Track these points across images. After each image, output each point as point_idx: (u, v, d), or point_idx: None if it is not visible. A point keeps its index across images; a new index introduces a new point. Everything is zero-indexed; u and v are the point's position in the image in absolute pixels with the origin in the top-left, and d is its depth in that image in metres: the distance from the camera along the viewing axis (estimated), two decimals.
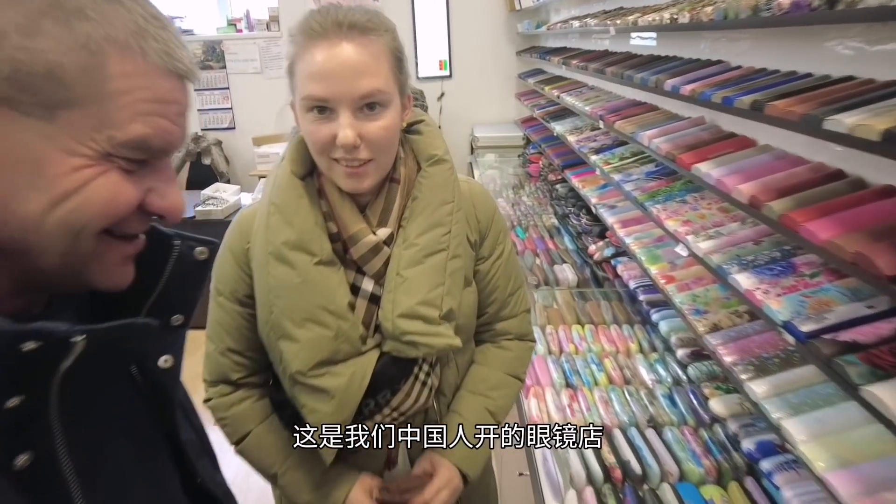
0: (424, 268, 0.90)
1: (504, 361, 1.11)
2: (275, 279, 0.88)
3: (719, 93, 1.24)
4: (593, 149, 2.31)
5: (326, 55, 0.80)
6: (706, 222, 1.46)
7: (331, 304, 0.87)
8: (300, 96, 0.83)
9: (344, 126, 0.81)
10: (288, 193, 0.89)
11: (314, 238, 0.88)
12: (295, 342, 0.87)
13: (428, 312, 0.89)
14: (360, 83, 0.81)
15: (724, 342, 1.27)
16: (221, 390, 1.00)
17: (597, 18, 2.34)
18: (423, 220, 0.92)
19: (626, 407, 1.54)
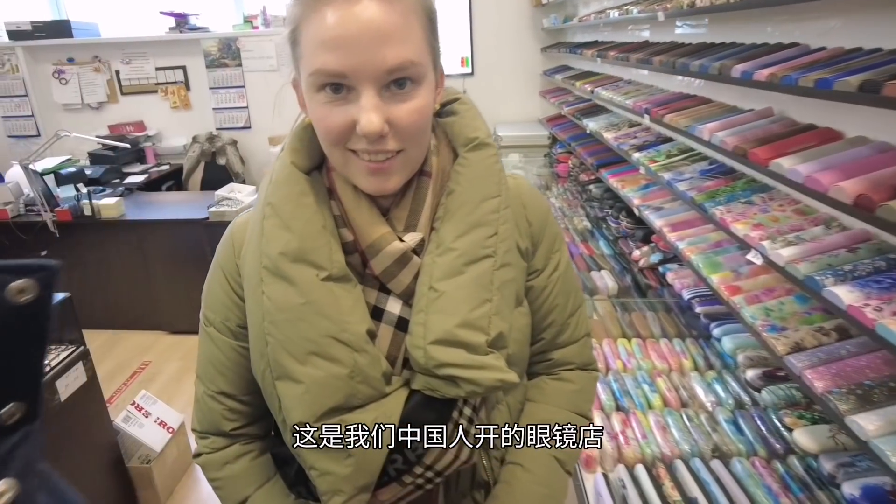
0: (465, 279, 0.69)
1: (567, 396, 0.88)
2: (270, 301, 0.67)
3: (810, 75, 1.06)
4: (635, 146, 2.14)
5: (343, 16, 0.60)
6: (781, 226, 1.28)
7: (343, 333, 0.66)
8: (308, 70, 0.63)
9: (367, 109, 0.62)
10: (287, 190, 0.70)
11: (320, 246, 0.68)
12: (297, 384, 0.66)
13: (471, 338, 0.67)
14: (387, 52, 0.61)
15: (812, 365, 1.09)
16: (213, 443, 0.82)
17: (638, 6, 2.16)
18: (462, 219, 0.71)
19: (686, 434, 1.37)
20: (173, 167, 4.81)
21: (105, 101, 4.97)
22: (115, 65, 4.88)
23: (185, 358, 3.47)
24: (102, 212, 3.51)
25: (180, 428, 2.50)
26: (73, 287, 2.20)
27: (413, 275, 0.72)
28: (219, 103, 4.89)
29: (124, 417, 2.33)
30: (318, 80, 0.63)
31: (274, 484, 0.82)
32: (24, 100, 4.86)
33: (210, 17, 4.87)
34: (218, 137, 4.82)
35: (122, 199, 3.68)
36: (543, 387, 0.89)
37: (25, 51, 4.72)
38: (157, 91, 4.94)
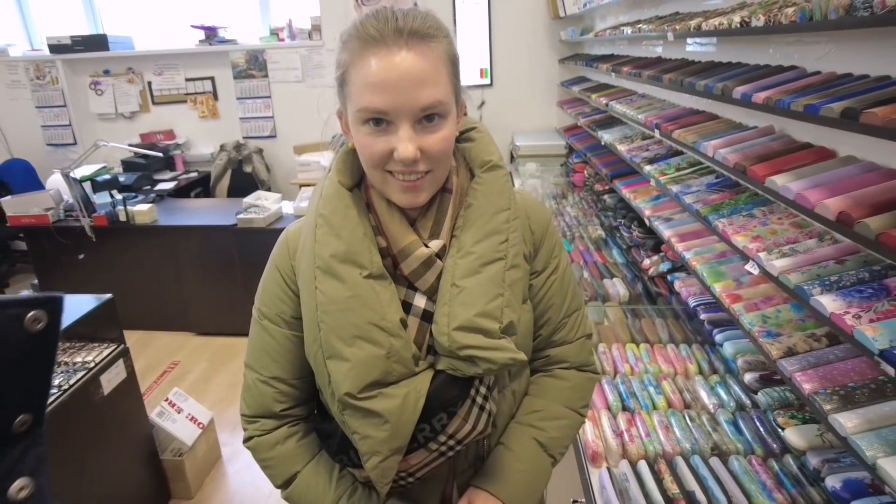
0: (482, 277, 0.83)
1: (558, 392, 1.01)
2: (323, 294, 0.82)
3: (800, 100, 1.15)
4: (646, 158, 2.23)
5: (386, 64, 0.74)
6: (779, 238, 1.36)
7: (382, 321, 0.81)
8: (355, 107, 0.78)
9: (404, 140, 0.77)
10: (335, 204, 0.85)
11: (363, 250, 0.83)
12: (345, 361, 0.80)
13: (488, 325, 0.81)
14: (421, 94, 0.76)
15: (802, 368, 1.18)
16: (263, 426, 0.94)
17: (651, 24, 2.25)
18: (479, 228, 0.86)
19: (687, 433, 1.45)
20: (201, 174, 5.00)
21: (137, 110, 5.18)
22: (147, 76, 5.09)
23: (212, 359, 3.62)
24: (136, 217, 3.68)
25: (210, 424, 2.63)
26: (108, 289, 2.34)
27: (436, 275, 0.86)
28: (245, 113, 5.06)
29: (158, 412, 2.47)
30: (363, 115, 0.77)
31: (319, 459, 0.95)
32: (63, 110, 5.09)
33: (238, 30, 5.05)
34: (244, 146, 5.00)
35: (155, 205, 3.85)
36: (539, 382, 1.02)
37: (65, 63, 4.95)
38: (187, 101, 5.13)
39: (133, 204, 3.81)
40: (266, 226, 3.52)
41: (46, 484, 0.44)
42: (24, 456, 0.43)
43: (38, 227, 3.70)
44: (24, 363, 0.43)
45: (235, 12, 5.07)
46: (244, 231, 3.53)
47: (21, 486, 0.43)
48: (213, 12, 5.03)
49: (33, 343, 0.42)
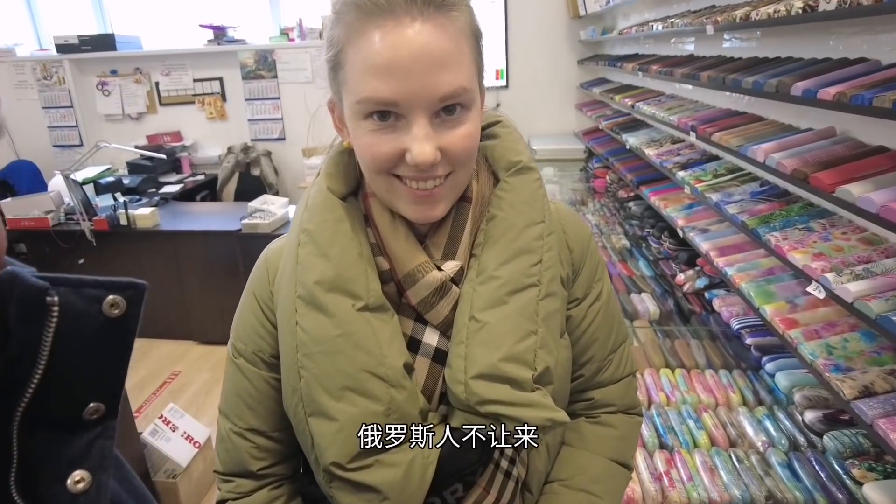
0: (509, 309, 0.65)
1: (607, 443, 0.83)
2: (305, 332, 0.64)
3: (886, 95, 0.97)
4: (679, 164, 2.04)
5: (395, 40, 0.57)
6: (847, 257, 1.18)
7: (380, 367, 0.63)
8: (354, 98, 0.60)
9: (420, 139, 0.59)
10: (323, 217, 0.67)
11: (357, 275, 0.65)
12: (332, 421, 0.63)
13: (517, 373, 0.63)
14: (440, 79, 0.58)
15: (886, 413, 0.99)
16: (239, 486, 0.76)
17: (685, 19, 2.08)
18: (505, 246, 0.68)
19: (735, 477, 1.27)
20: (208, 177, 4.87)
21: (144, 111, 5.07)
22: (154, 76, 4.98)
23: (215, 369, 3.48)
24: (138, 221, 3.55)
25: (206, 442, 2.48)
26: None
27: (452, 305, 0.68)
28: (254, 114, 4.93)
29: (151, 431, 2.32)
30: (365, 107, 0.60)
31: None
32: (69, 110, 4.99)
33: (247, 29, 4.93)
34: (252, 148, 4.87)
35: (157, 209, 3.72)
36: (583, 430, 0.84)
37: (72, 63, 4.85)
38: (195, 102, 5.01)
39: (135, 207, 3.68)
40: (271, 231, 3.38)
41: (105, 482, 0.42)
42: (90, 447, 0.42)
43: (38, 230, 3.59)
44: (98, 348, 0.41)
45: (245, 12, 4.95)
46: (249, 237, 3.39)
47: (79, 478, 0.41)
48: (222, 11, 4.92)
49: (110, 329, 0.41)
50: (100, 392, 0.41)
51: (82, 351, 0.40)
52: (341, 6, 0.60)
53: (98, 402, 0.41)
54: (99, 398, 0.41)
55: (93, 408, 0.41)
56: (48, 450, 0.40)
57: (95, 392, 0.41)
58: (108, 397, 0.42)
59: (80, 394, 0.41)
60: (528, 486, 0.77)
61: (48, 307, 0.37)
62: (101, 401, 0.41)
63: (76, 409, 0.41)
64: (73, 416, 0.41)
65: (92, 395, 0.41)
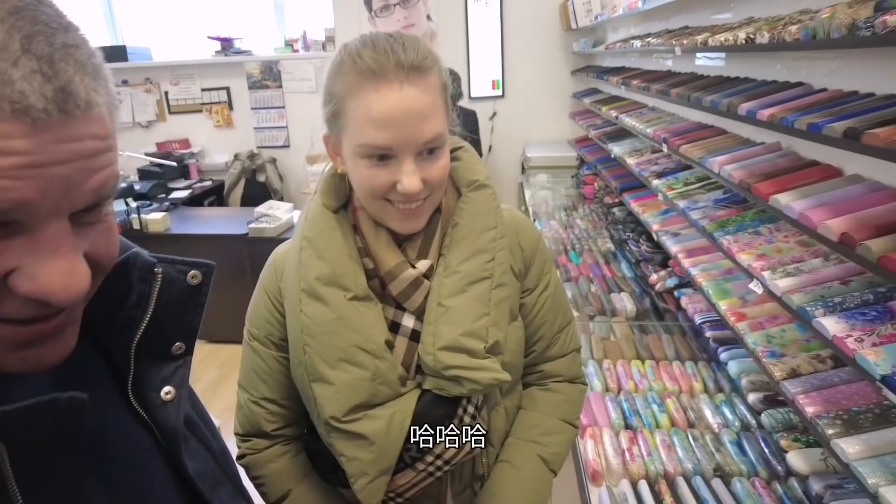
0: (468, 296, 0.83)
1: (555, 405, 1.01)
2: (307, 317, 0.82)
3: (804, 118, 1.14)
4: (655, 172, 2.21)
5: (390, 101, 0.73)
6: (784, 257, 1.35)
7: (367, 343, 0.81)
8: (355, 142, 0.76)
9: (409, 174, 0.76)
10: (320, 227, 0.85)
11: (348, 272, 0.83)
12: (329, 385, 0.81)
13: (472, 344, 0.82)
14: (423, 129, 0.75)
15: (806, 390, 1.15)
16: (255, 444, 0.95)
17: (660, 38, 2.25)
18: (466, 247, 0.86)
19: (690, 453, 1.43)
20: (215, 183, 5.05)
21: (154, 119, 5.26)
22: (164, 86, 5.17)
23: (223, 367, 3.64)
24: (150, 226, 3.72)
25: None
26: None
27: (424, 294, 0.86)
28: (260, 123, 5.12)
29: None
30: (365, 150, 0.76)
31: (311, 478, 0.95)
32: None
33: (253, 41, 5.12)
34: (258, 155, 5.05)
35: (168, 213, 3.90)
36: (535, 396, 1.03)
37: None
38: (202, 110, 5.20)
39: (147, 212, 3.86)
40: (277, 235, 3.55)
41: (183, 396, 0.59)
42: (175, 372, 0.59)
43: None
44: (183, 304, 0.58)
45: (251, 24, 5.14)
46: (256, 240, 3.56)
47: (168, 390, 0.58)
48: (229, 24, 5.11)
49: (191, 292, 0.59)
50: (182, 335, 0.59)
51: (173, 305, 0.57)
52: (342, 68, 0.76)
53: (181, 342, 0.59)
54: (181, 339, 0.59)
55: (178, 346, 0.59)
56: (150, 370, 0.58)
57: (179, 334, 0.59)
58: (187, 339, 0.59)
59: (171, 334, 0.58)
60: (490, 441, 0.93)
61: (155, 274, 0.56)
62: (183, 341, 0.59)
63: (167, 345, 0.58)
64: (165, 349, 0.58)
65: (177, 336, 0.58)
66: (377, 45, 0.75)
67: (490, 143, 4.75)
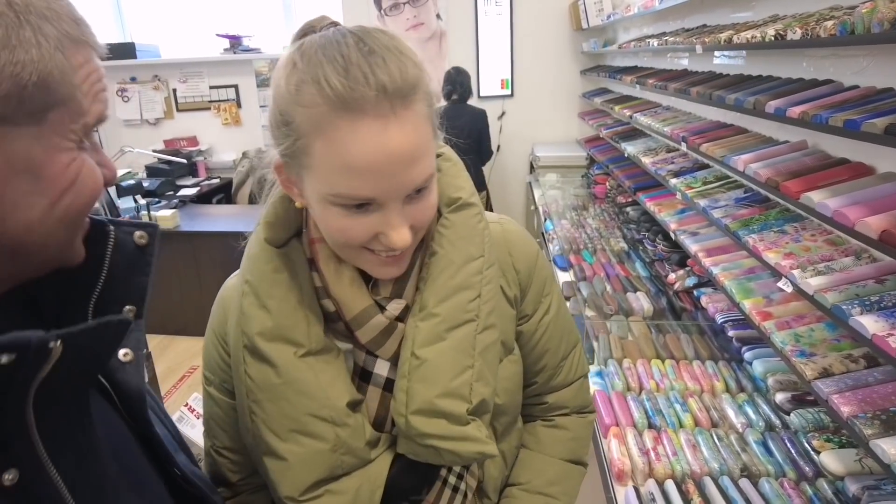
0: (446, 345, 0.69)
1: (562, 445, 0.90)
2: (252, 380, 0.69)
3: (839, 115, 1.13)
4: (672, 171, 2.20)
5: (371, 145, 0.57)
6: (812, 256, 1.33)
7: (322, 409, 0.67)
8: (327, 189, 0.60)
9: (396, 226, 0.62)
10: (262, 268, 0.70)
11: (296, 323, 0.68)
12: (281, 460, 0.68)
13: (452, 407, 0.67)
14: (413, 175, 0.60)
15: (840, 390, 1.14)
16: (221, 493, 0.84)
17: (678, 37, 2.23)
18: (445, 283, 0.70)
19: (715, 453, 1.42)
20: (223, 181, 5.05)
21: (162, 117, 5.26)
22: (172, 83, 5.17)
23: None
24: (159, 223, 3.71)
25: None
26: None
27: (399, 340, 0.72)
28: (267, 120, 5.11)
29: (178, 417, 2.46)
30: (339, 200, 0.61)
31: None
32: None
33: (262, 38, 5.11)
34: (266, 153, 5.03)
35: (177, 210, 3.89)
36: (538, 434, 0.91)
37: None
38: (210, 108, 5.20)
39: (156, 209, 3.85)
40: None
41: (141, 358, 0.60)
42: (129, 335, 0.57)
43: None
44: (132, 267, 0.58)
45: (260, 21, 5.13)
46: None
47: (126, 352, 0.58)
48: (237, 21, 5.10)
49: (139, 254, 0.59)
50: (132, 297, 0.58)
51: (123, 267, 0.58)
52: (306, 93, 0.57)
53: (131, 305, 0.58)
54: (132, 302, 0.58)
55: (129, 308, 0.58)
56: None
57: (130, 297, 0.58)
58: (138, 302, 0.58)
59: (122, 297, 0.58)
60: (486, 492, 0.84)
61: (107, 235, 0.57)
62: (134, 304, 0.58)
63: (119, 308, 0.57)
64: (118, 313, 0.57)
65: (128, 299, 0.58)
66: (349, 65, 0.56)
67: (499, 143, 4.74)
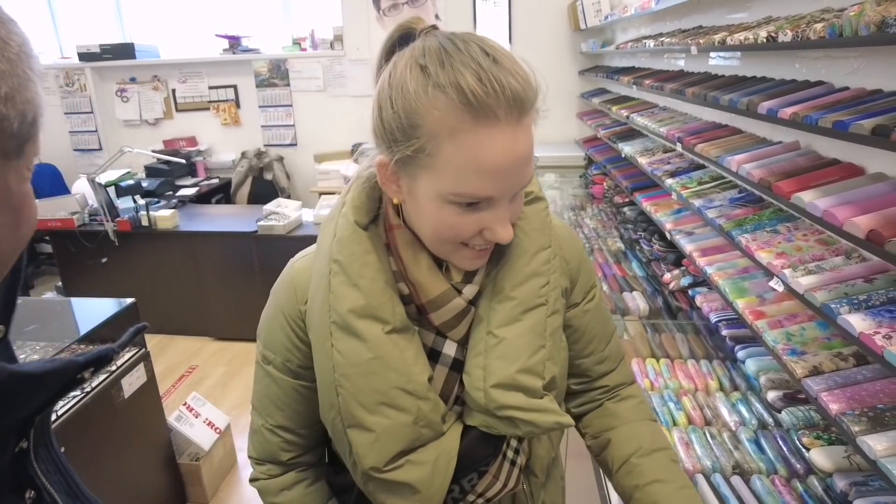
0: (522, 327, 0.75)
1: (638, 410, 0.96)
2: (341, 355, 0.72)
3: (829, 116, 1.14)
4: (668, 172, 2.21)
5: (502, 148, 0.62)
6: (804, 255, 1.35)
7: (409, 383, 0.72)
8: (449, 189, 0.65)
9: (504, 223, 0.68)
10: (352, 249, 0.73)
11: (385, 302, 0.73)
12: (368, 432, 0.72)
13: (530, 382, 0.73)
14: (525, 175, 0.67)
15: (829, 388, 1.15)
16: (270, 470, 0.88)
17: (674, 38, 2.25)
18: (520, 270, 0.77)
19: (708, 450, 1.43)
20: (222, 181, 5.07)
21: (161, 117, 5.28)
22: (171, 83, 5.19)
23: (231, 364, 3.65)
24: (158, 223, 3.73)
25: (226, 429, 2.65)
26: (129, 293, 2.39)
27: (470, 322, 0.78)
28: (267, 121, 5.13)
29: (177, 417, 2.49)
30: (461, 198, 0.65)
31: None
32: (90, 116, 5.20)
33: (261, 39, 5.13)
34: (265, 153, 5.06)
35: (177, 210, 3.91)
36: (616, 411, 0.96)
37: (93, 71, 5.07)
38: (210, 108, 5.21)
39: (156, 209, 3.87)
40: (286, 233, 3.56)
41: None
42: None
43: (64, 230, 3.78)
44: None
45: (259, 22, 5.15)
46: (264, 238, 3.57)
47: None
48: (236, 22, 5.12)
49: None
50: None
51: None
52: (438, 97, 0.61)
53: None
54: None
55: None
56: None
57: None
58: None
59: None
60: (533, 471, 0.89)
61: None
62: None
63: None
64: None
65: None
66: (485, 73, 0.61)
67: None
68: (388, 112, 0.65)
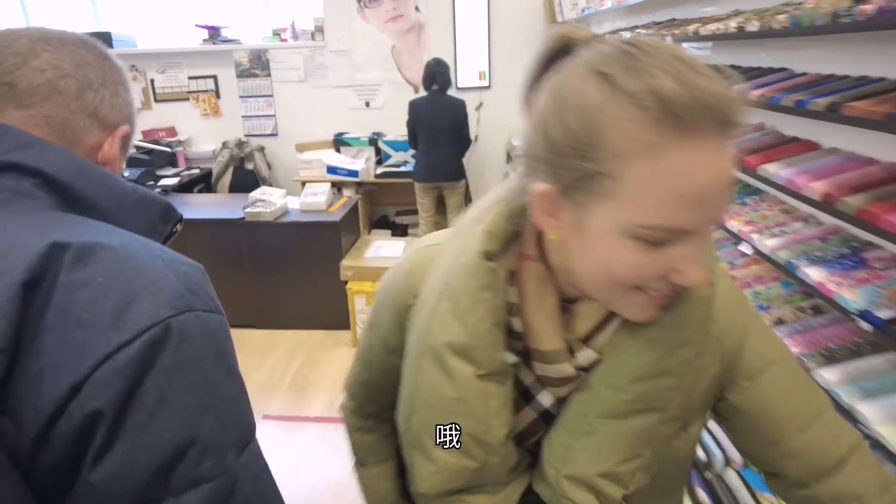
0: (625, 428, 0.63)
1: None
2: (425, 380, 0.67)
3: (790, 97, 1.30)
4: None
5: (710, 172, 0.49)
6: (769, 222, 1.52)
7: (486, 434, 0.65)
8: (637, 221, 0.51)
9: (697, 261, 0.52)
10: (469, 282, 0.64)
11: (486, 345, 0.64)
12: (430, 462, 0.67)
13: (609, 490, 0.63)
14: (726, 203, 0.52)
15: (790, 335, 1.32)
16: (353, 408, 0.91)
17: (649, 29, 2.41)
18: (649, 362, 0.62)
19: None
20: (203, 171, 5.08)
21: (140, 107, 5.25)
22: (150, 74, 5.17)
23: None
24: None
25: None
26: None
27: (575, 385, 0.67)
28: (248, 111, 5.16)
29: None
30: (654, 233, 0.51)
31: (390, 467, 0.92)
32: None
33: (241, 29, 5.15)
34: (246, 143, 5.09)
35: None
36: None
37: None
38: (189, 99, 5.22)
39: None
40: (273, 220, 3.62)
41: None
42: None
43: None
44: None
45: (239, 12, 5.17)
46: (252, 225, 3.63)
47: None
48: (216, 12, 5.13)
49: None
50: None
51: None
52: (623, 106, 0.49)
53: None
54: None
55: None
56: None
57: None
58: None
59: None
60: None
61: None
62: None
63: None
64: None
65: None
66: (683, 74, 0.48)
67: (476, 133, 4.89)
68: (557, 130, 0.53)
